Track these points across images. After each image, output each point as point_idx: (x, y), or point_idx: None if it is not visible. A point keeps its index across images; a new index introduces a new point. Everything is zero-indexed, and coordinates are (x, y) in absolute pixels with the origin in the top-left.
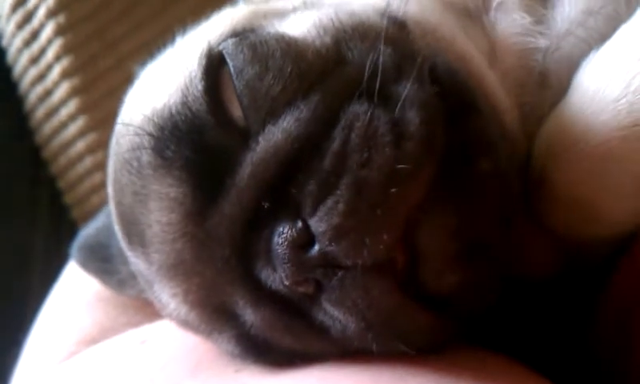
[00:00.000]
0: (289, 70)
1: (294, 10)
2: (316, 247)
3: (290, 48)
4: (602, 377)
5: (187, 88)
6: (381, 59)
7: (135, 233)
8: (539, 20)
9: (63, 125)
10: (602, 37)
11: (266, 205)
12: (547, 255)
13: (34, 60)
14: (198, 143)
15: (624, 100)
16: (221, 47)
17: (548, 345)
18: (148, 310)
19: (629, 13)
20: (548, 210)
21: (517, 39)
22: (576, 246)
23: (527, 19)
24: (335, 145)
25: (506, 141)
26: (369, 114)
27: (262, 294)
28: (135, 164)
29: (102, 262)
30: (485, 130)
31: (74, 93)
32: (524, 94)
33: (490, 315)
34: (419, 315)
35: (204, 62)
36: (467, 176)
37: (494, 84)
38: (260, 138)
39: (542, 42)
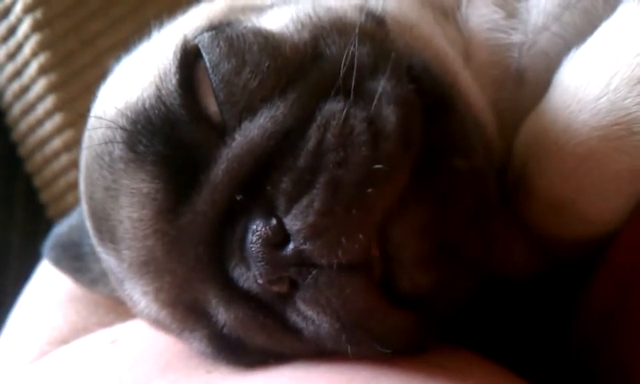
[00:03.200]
0: (266, 65)
1: (272, 5)
2: (290, 245)
3: (268, 43)
4: (579, 377)
5: (161, 81)
6: (356, 55)
7: (106, 229)
8: (512, 13)
9: (39, 122)
10: (578, 32)
11: (240, 201)
12: (526, 255)
13: (11, 56)
14: (172, 138)
15: (604, 98)
16: (196, 40)
17: (526, 345)
18: (120, 309)
19: (605, 7)
20: (528, 210)
21: (488, 35)
22: (555, 247)
23: (499, 14)
24: (311, 143)
25: (482, 140)
26: (344, 112)
27: (235, 293)
28: (107, 158)
29: (75, 260)
30: (461, 128)
31: (50, 89)
32: (501, 91)
33: (468, 314)
34: (394, 315)
35: (179, 55)
36: (442, 175)
37: (469, 83)
38: (236, 134)
39: (517, 38)
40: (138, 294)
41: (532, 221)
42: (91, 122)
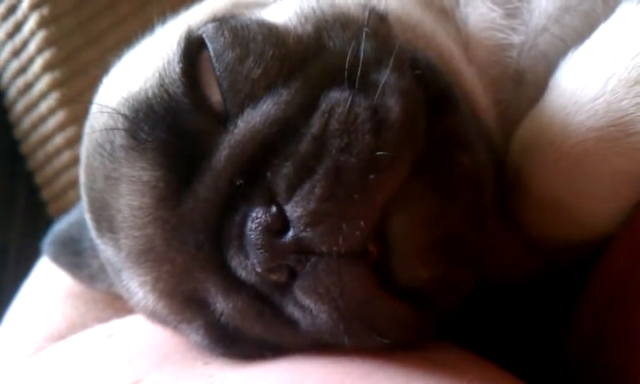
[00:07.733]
0: (270, 54)
1: (275, 0)
2: (290, 233)
3: (272, 33)
4: (576, 379)
5: (165, 70)
6: (362, 46)
7: (105, 218)
8: (512, 14)
9: (43, 119)
10: (578, 34)
11: (242, 188)
12: (522, 259)
13: (16, 52)
14: (174, 126)
15: (601, 99)
16: (201, 31)
17: (525, 347)
18: (118, 306)
19: (605, 10)
20: (523, 211)
21: (488, 34)
22: (551, 249)
23: (497, 12)
24: (314, 129)
25: (483, 138)
26: (350, 100)
27: (235, 282)
28: (108, 147)
29: (74, 256)
30: (463, 125)
31: (54, 86)
32: (500, 91)
33: (466, 315)
34: (392, 306)
35: (183, 44)
36: (445, 168)
37: (473, 82)
38: (239, 121)
39: (517, 38)
40: (135, 284)
41: (526, 222)
42: (93, 111)
